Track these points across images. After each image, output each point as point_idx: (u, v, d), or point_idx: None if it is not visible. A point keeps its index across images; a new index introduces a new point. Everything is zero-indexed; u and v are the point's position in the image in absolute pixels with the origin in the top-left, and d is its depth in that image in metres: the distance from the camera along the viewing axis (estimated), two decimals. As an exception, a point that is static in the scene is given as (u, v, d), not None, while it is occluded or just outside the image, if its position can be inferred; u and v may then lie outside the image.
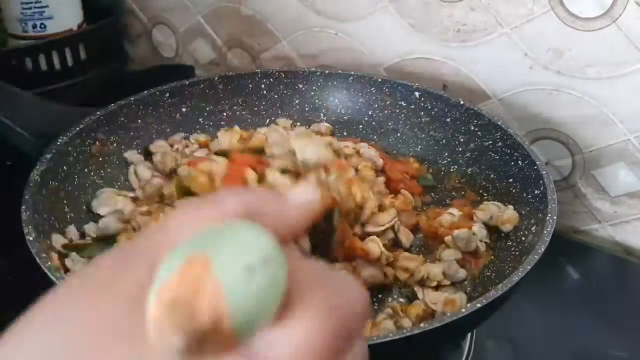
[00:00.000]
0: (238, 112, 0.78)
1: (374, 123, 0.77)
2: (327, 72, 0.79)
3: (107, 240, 0.59)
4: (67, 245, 0.57)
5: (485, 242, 0.62)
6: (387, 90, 0.76)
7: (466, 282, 0.60)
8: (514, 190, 0.64)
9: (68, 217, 0.60)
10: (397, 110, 0.76)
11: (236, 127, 0.70)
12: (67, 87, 0.92)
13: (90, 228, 0.61)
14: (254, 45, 0.92)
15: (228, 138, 0.67)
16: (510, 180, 0.65)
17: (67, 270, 0.55)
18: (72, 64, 0.92)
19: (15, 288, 0.60)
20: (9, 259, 0.65)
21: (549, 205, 0.56)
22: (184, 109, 0.76)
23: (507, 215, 0.62)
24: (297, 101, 0.79)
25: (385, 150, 0.74)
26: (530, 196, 0.61)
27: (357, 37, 0.83)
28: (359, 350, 0.24)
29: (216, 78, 0.77)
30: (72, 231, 0.59)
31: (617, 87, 0.68)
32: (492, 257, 0.61)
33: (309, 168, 0.54)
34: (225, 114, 0.78)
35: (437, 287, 0.58)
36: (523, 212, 0.61)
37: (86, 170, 0.65)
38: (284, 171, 0.55)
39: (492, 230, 0.63)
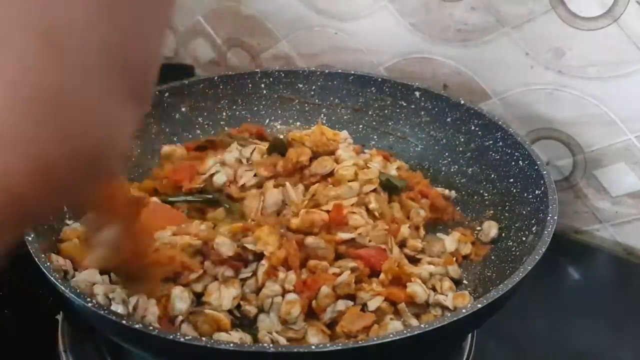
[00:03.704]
0: (238, 112, 0.78)
1: (374, 123, 0.77)
2: (327, 71, 0.78)
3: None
4: None
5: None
6: (387, 89, 0.76)
7: (467, 282, 0.60)
8: (514, 190, 0.64)
9: (67, 215, 0.60)
10: (398, 110, 0.76)
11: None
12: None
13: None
14: (253, 45, 0.92)
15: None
16: (511, 180, 0.65)
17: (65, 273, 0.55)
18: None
19: (14, 287, 0.60)
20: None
21: (549, 206, 0.56)
22: (183, 109, 0.75)
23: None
24: (297, 101, 0.79)
25: (385, 150, 0.74)
26: (531, 196, 0.61)
27: (357, 36, 0.83)
28: None
29: (216, 78, 0.77)
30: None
31: (618, 86, 0.68)
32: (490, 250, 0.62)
33: None
34: (225, 113, 0.77)
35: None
36: (524, 212, 0.61)
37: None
38: None
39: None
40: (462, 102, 0.71)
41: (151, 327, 0.44)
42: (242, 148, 0.69)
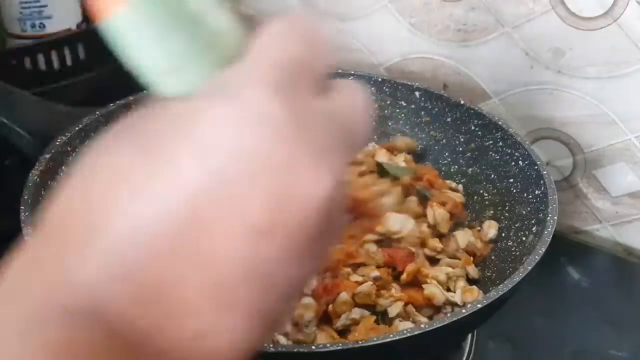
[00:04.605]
0: (238, 112, 0.78)
1: (374, 123, 0.77)
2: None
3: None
4: None
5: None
6: (387, 89, 0.76)
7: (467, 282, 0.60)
8: (514, 190, 0.64)
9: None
10: (397, 110, 0.76)
11: None
12: (66, 86, 0.91)
13: None
14: (253, 45, 0.92)
15: None
16: (511, 180, 0.65)
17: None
18: (71, 63, 0.92)
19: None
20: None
21: (549, 206, 0.56)
22: (183, 109, 0.75)
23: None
24: (297, 101, 0.79)
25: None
26: (530, 196, 0.61)
27: (357, 36, 0.83)
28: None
29: (216, 78, 0.77)
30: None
31: (618, 86, 0.68)
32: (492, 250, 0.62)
33: None
34: (225, 113, 0.77)
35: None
36: (524, 212, 0.61)
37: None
38: None
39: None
40: (462, 102, 0.71)
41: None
42: None
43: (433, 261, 0.59)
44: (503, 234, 0.62)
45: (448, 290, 0.56)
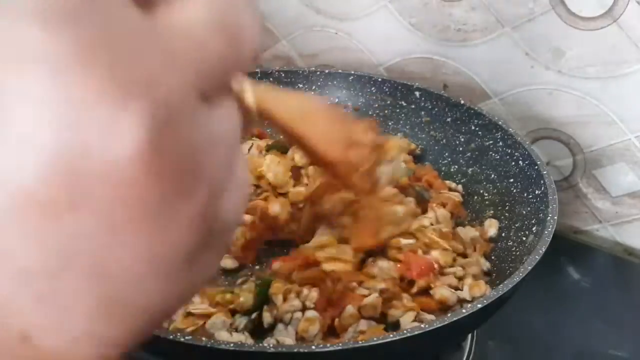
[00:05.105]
0: (238, 112, 0.78)
1: (374, 123, 0.77)
2: (327, 71, 0.78)
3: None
4: None
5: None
6: (387, 89, 0.76)
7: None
8: (514, 190, 0.64)
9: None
10: (398, 110, 0.76)
11: None
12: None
13: None
14: (253, 45, 0.92)
15: None
16: (511, 180, 0.65)
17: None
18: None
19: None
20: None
21: (549, 206, 0.56)
22: (183, 109, 0.75)
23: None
24: (297, 101, 0.79)
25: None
26: (531, 196, 0.61)
27: (357, 36, 0.83)
28: None
29: (216, 78, 0.77)
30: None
31: (618, 86, 0.68)
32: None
33: None
34: (225, 113, 0.77)
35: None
36: (524, 212, 0.61)
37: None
38: None
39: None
40: (462, 102, 0.71)
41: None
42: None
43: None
44: (503, 234, 0.62)
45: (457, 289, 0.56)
